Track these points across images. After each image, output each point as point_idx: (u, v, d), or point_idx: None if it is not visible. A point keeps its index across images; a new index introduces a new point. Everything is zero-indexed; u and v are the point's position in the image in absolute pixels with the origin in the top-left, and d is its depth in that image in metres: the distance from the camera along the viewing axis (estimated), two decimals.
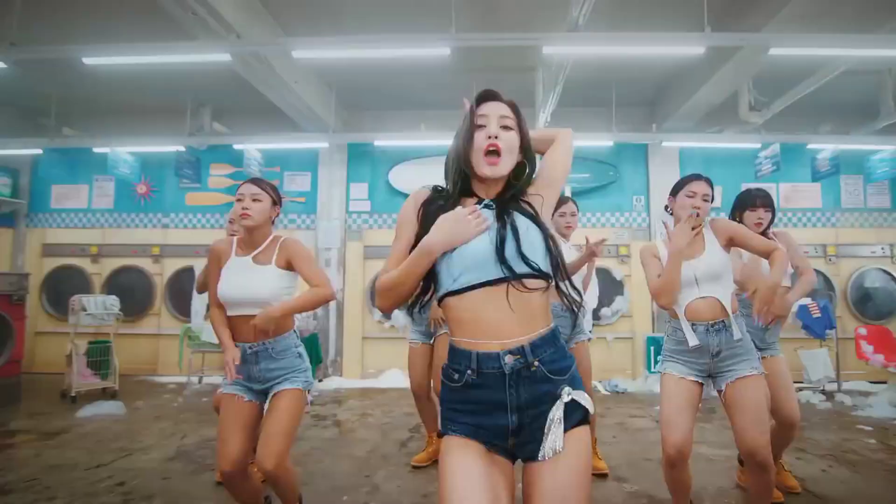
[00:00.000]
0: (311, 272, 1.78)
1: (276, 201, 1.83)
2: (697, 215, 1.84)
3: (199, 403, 4.34)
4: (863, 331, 4.90)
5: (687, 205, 1.87)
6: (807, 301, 5.03)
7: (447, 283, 0.99)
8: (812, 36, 3.52)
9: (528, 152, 1.10)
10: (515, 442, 0.96)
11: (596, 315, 5.47)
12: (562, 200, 2.78)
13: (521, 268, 0.95)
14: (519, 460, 1.00)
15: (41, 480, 2.55)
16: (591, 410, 0.99)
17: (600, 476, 2.58)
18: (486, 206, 1.03)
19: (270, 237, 1.83)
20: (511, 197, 1.06)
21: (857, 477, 2.63)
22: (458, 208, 0.98)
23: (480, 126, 1.04)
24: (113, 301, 4.52)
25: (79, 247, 5.81)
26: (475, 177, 1.06)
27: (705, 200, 1.87)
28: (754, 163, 5.22)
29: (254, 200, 1.75)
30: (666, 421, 1.77)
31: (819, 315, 4.91)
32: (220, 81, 4.76)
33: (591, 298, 5.50)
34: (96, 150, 5.22)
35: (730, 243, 1.88)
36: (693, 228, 1.81)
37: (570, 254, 2.70)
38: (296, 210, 5.84)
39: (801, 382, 4.94)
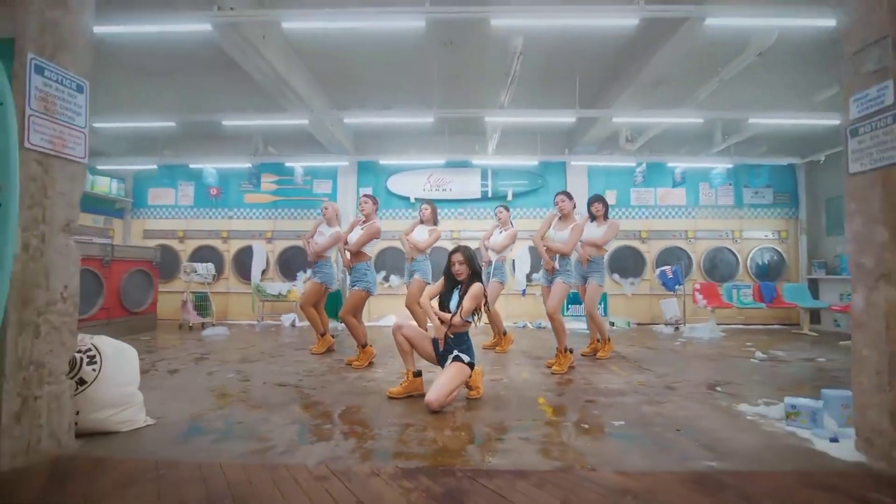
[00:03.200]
0: (358, 235, 4.27)
1: (375, 202, 4.42)
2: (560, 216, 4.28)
3: (269, 332, 6.85)
4: (697, 286, 7.48)
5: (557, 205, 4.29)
6: (665, 267, 7.63)
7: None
8: (637, 111, 5.98)
9: (473, 268, 3.12)
10: (439, 360, 3.24)
11: (528, 278, 8.02)
12: (497, 207, 5.30)
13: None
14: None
15: (203, 355, 5.00)
16: (468, 360, 3.04)
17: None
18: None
19: (372, 219, 4.33)
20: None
21: (651, 353, 5.11)
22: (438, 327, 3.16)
23: (453, 264, 3.16)
24: (211, 266, 7.00)
25: (169, 232, 8.26)
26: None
27: (562, 201, 4.26)
28: (633, 174, 7.74)
29: (365, 203, 4.30)
30: (545, 300, 4.22)
31: (672, 277, 7.50)
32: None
33: (525, 267, 8.35)
34: (192, 165, 7.64)
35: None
36: (563, 218, 4.23)
37: (500, 237, 5.17)
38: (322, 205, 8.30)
39: (658, 322, 7.58)
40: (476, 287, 3.11)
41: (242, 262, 8.12)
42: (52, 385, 2.17)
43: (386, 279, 8.08)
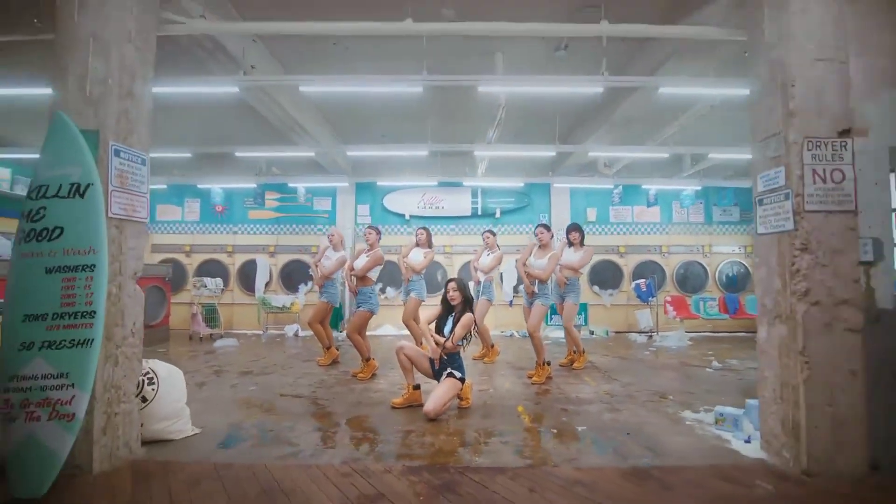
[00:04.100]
0: (363, 262, 4.83)
1: (379, 233, 4.97)
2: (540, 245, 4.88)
3: (275, 342, 7.36)
4: (668, 298, 8.17)
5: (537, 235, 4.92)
6: (640, 281, 8.30)
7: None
8: (609, 146, 6.64)
9: (465, 295, 3.77)
10: (435, 375, 3.82)
11: (515, 290, 8.64)
12: (484, 233, 5.90)
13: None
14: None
15: (221, 367, 5.54)
16: (459, 376, 3.65)
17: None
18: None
19: (375, 248, 4.89)
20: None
21: (621, 363, 5.76)
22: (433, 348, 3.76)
23: (448, 290, 3.83)
24: (219, 281, 7.50)
25: (176, 246, 8.71)
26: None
27: (541, 233, 4.89)
28: (611, 195, 8.40)
29: (369, 234, 4.85)
30: (526, 318, 4.84)
31: (645, 290, 8.17)
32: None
33: (512, 280, 8.96)
34: (200, 186, 8.12)
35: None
36: (542, 247, 4.86)
37: (488, 259, 5.77)
38: (322, 221, 8.83)
39: (634, 331, 8.25)
40: (466, 318, 3.70)
41: (247, 274, 8.61)
42: (125, 403, 2.71)
43: (382, 290, 8.63)
